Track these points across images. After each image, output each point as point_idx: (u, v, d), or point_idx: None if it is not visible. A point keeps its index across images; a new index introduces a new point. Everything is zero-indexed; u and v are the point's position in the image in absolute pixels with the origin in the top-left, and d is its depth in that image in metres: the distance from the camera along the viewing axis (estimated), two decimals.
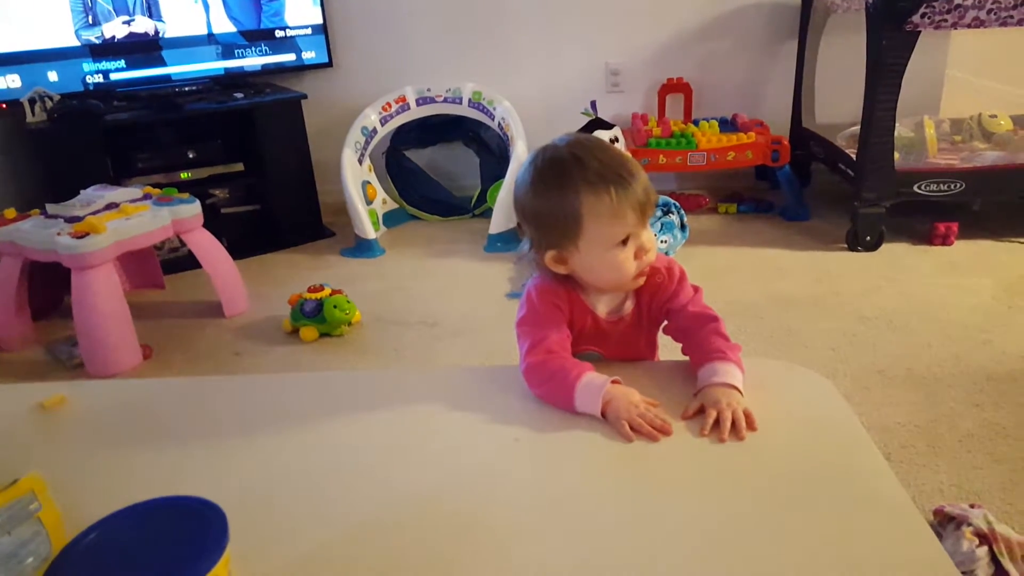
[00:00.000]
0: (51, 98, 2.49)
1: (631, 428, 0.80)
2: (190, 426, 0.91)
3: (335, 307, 2.02)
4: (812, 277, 2.23)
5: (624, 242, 0.88)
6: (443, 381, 1.02)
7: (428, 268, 2.51)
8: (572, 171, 0.87)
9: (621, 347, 0.97)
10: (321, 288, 2.10)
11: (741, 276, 2.22)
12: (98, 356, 1.92)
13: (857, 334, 1.88)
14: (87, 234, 1.89)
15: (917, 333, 1.86)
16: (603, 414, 0.83)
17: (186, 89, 2.73)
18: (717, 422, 0.81)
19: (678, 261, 0.99)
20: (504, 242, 2.60)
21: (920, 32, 2.10)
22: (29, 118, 2.46)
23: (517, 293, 2.23)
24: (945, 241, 2.36)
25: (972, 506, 1.23)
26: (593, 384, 0.85)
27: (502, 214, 2.60)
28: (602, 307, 0.96)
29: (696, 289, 0.97)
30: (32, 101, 2.47)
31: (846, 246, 2.40)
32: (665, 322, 0.98)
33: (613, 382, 0.85)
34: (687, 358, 0.94)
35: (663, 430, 0.81)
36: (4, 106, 2.51)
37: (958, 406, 1.56)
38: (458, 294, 2.30)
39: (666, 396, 0.87)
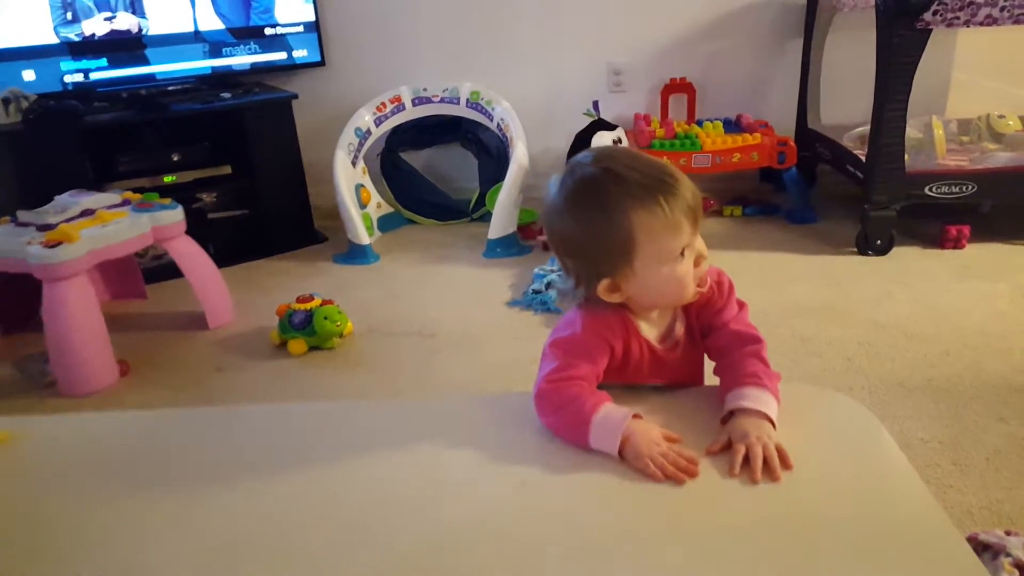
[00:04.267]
0: (27, 98, 2.38)
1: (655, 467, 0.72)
2: (154, 469, 0.82)
3: (325, 318, 1.93)
4: (822, 282, 2.15)
5: (682, 254, 0.80)
6: (440, 412, 0.93)
7: (425, 275, 2.42)
8: (611, 188, 0.79)
9: (679, 374, 0.89)
10: (311, 298, 2.00)
11: (749, 281, 2.14)
12: (71, 374, 1.82)
13: (872, 343, 1.80)
14: (59, 243, 1.78)
15: (934, 341, 1.79)
16: (620, 453, 0.75)
17: (171, 89, 2.63)
18: (747, 459, 0.73)
19: None
20: (504, 247, 2.52)
21: (932, 30, 2.02)
22: (2, 119, 2.35)
23: (518, 301, 2.15)
24: (957, 244, 2.29)
25: (1008, 533, 1.14)
26: (611, 419, 0.76)
27: (502, 218, 2.52)
28: (653, 333, 0.87)
29: (741, 305, 0.89)
30: (6, 101, 2.35)
31: (856, 250, 2.32)
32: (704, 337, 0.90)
33: (634, 416, 0.77)
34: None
35: (688, 471, 0.72)
36: None
37: (982, 420, 1.48)
38: (456, 303, 2.21)
39: (687, 426, 0.79)
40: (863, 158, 2.30)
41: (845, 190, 2.59)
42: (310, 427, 0.89)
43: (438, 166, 3.04)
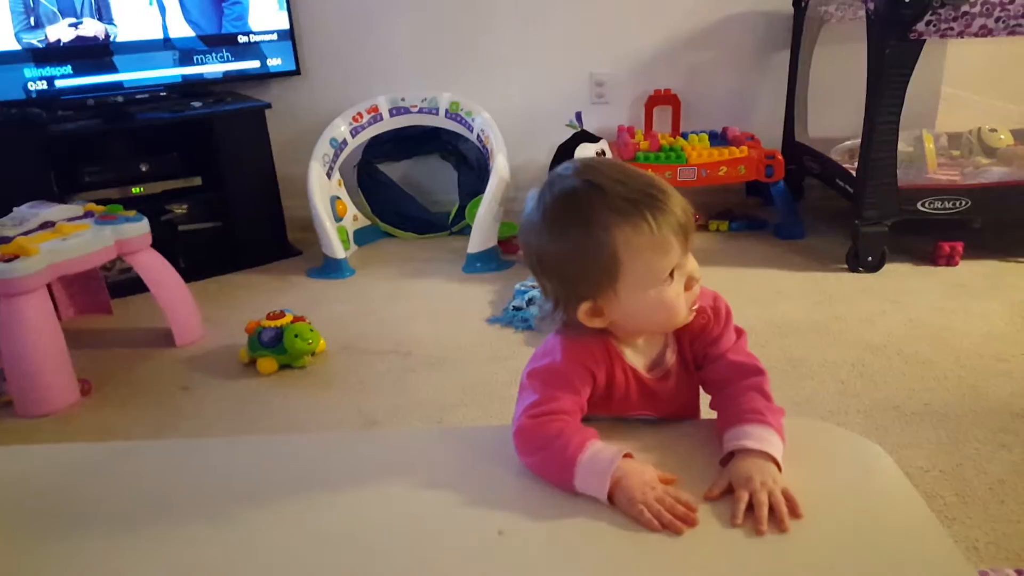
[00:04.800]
0: None
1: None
2: (103, 508, 0.73)
3: (296, 336, 1.84)
4: (812, 300, 2.09)
5: (671, 275, 0.72)
6: (410, 446, 0.85)
7: (401, 290, 2.34)
8: (593, 202, 0.71)
9: (672, 406, 0.81)
10: (282, 314, 1.91)
11: (736, 299, 2.03)
12: (28, 394, 1.73)
13: (866, 364, 1.73)
14: (16, 257, 1.71)
15: (930, 363, 1.73)
16: (610, 497, 0.67)
17: (139, 97, 2.54)
18: (751, 506, 0.65)
19: None
20: (484, 262, 2.44)
21: (925, 41, 1.98)
22: None
23: (498, 318, 2.07)
24: (950, 261, 2.24)
25: (1018, 572, 1.08)
26: (600, 459, 0.68)
27: (482, 232, 2.44)
28: (641, 361, 0.79)
29: (740, 333, 0.81)
30: None
31: (846, 266, 2.27)
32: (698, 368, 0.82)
33: (625, 456, 0.69)
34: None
35: (687, 519, 0.64)
36: None
37: (983, 447, 1.42)
38: (434, 319, 2.13)
39: (684, 465, 0.71)
40: (853, 172, 2.26)
41: (833, 204, 2.55)
42: (269, 462, 0.81)
43: (416, 178, 2.96)
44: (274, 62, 2.71)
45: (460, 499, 0.70)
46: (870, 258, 2.22)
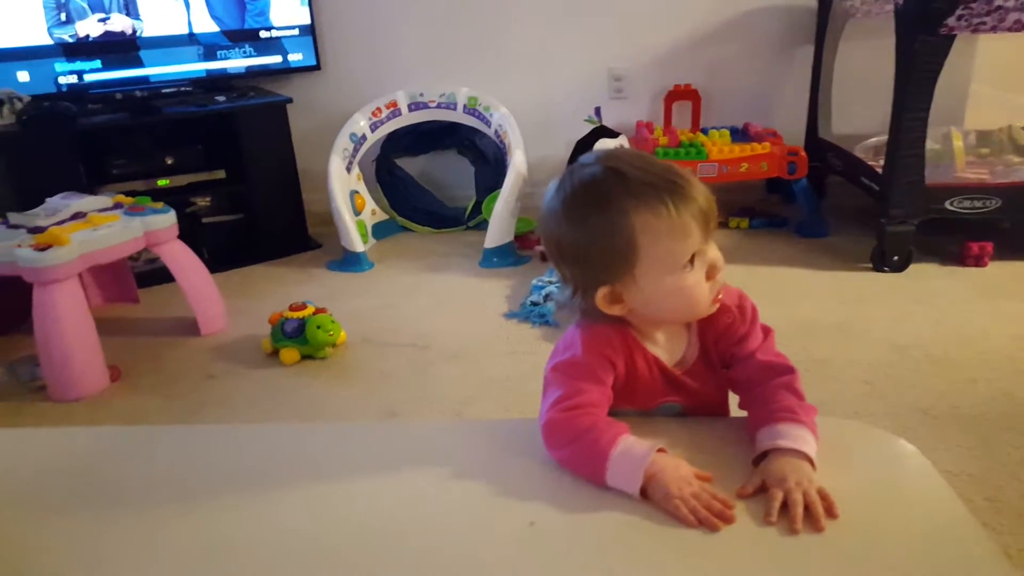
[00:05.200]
0: (20, 100, 2.34)
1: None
2: (128, 489, 0.75)
3: (318, 327, 1.85)
4: (836, 300, 2.07)
5: (691, 262, 0.72)
6: (438, 437, 0.84)
7: (419, 284, 2.34)
8: (613, 187, 0.71)
9: (699, 398, 0.80)
10: (304, 306, 1.93)
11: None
12: (61, 378, 1.77)
13: (892, 366, 1.71)
14: (49, 246, 1.74)
15: (959, 366, 1.70)
16: (643, 491, 0.66)
17: (165, 92, 2.57)
18: (785, 505, 0.64)
19: None
20: (501, 257, 2.44)
21: (955, 36, 1.95)
22: None
23: (515, 313, 2.07)
24: (979, 262, 2.20)
25: None
26: (633, 453, 0.68)
27: (498, 227, 2.44)
28: (664, 354, 0.79)
29: (767, 332, 0.80)
30: (0, 103, 2.30)
31: (871, 266, 2.24)
32: (725, 368, 0.81)
33: (658, 451, 0.68)
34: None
35: (724, 516, 0.64)
36: None
37: (1016, 452, 1.39)
38: (451, 313, 2.13)
39: (715, 462, 0.70)
40: (879, 170, 2.23)
41: (857, 203, 2.51)
42: (299, 449, 0.82)
43: (434, 173, 2.97)
44: (295, 57, 2.72)
45: (490, 490, 0.70)
46: (896, 258, 2.19)
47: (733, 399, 0.83)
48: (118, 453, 0.83)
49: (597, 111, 2.67)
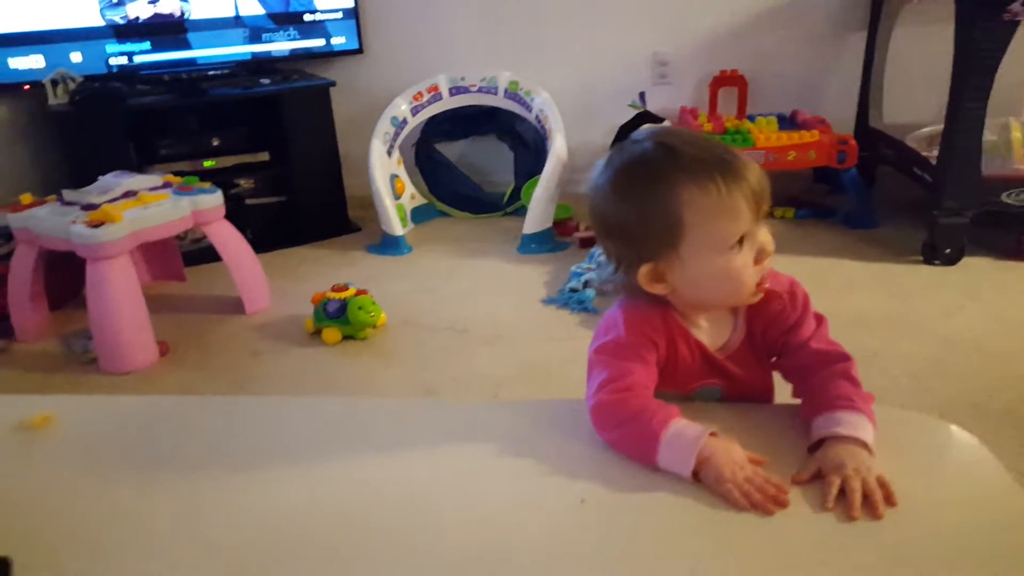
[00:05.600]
0: (73, 80, 2.41)
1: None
2: (190, 454, 0.77)
3: (360, 308, 1.87)
4: (885, 292, 2.02)
5: (739, 243, 0.70)
6: (485, 417, 0.85)
7: (458, 269, 2.35)
8: (662, 163, 0.70)
9: (741, 385, 0.79)
10: (346, 287, 1.95)
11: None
12: (112, 352, 1.83)
13: (942, 360, 1.67)
14: (102, 223, 1.79)
15: (1011, 362, 1.65)
16: (695, 474, 0.66)
17: (211, 74, 2.61)
18: (843, 492, 0.63)
19: None
20: (539, 243, 2.43)
21: (1019, 23, 1.88)
22: (51, 100, 2.39)
23: (553, 299, 2.07)
24: None
25: None
26: (685, 436, 0.67)
27: (537, 213, 2.43)
28: (706, 338, 0.77)
29: (820, 320, 0.78)
30: (54, 82, 2.39)
31: (921, 258, 2.18)
32: (775, 357, 0.80)
33: (711, 435, 0.67)
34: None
35: (778, 500, 0.63)
36: (27, 87, 2.44)
37: None
38: (490, 298, 2.14)
39: (765, 449, 0.69)
40: (932, 161, 2.16)
41: (907, 194, 2.45)
42: (349, 423, 0.83)
43: (473, 158, 2.97)
44: (338, 40, 2.74)
45: (539, 468, 0.71)
46: (948, 250, 2.13)
47: (779, 388, 0.81)
48: (168, 421, 0.85)
49: (641, 96, 2.63)
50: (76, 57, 2.48)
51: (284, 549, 0.62)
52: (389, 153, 2.62)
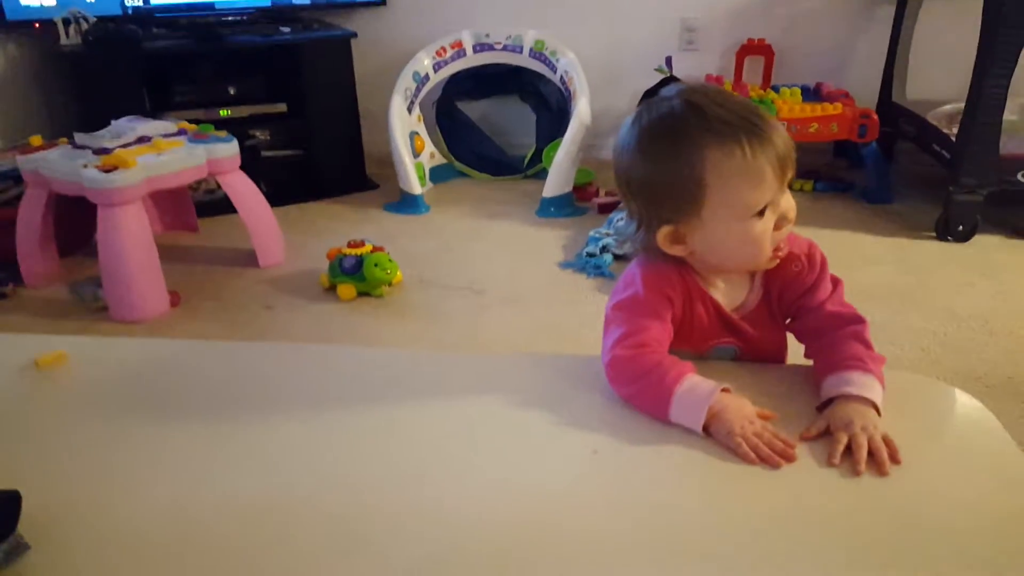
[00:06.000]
0: (87, 20, 2.36)
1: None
2: (199, 396, 0.78)
3: (376, 265, 1.88)
4: (898, 266, 2.02)
5: (761, 212, 0.70)
6: (500, 369, 0.86)
7: (476, 230, 2.36)
8: (689, 123, 0.70)
9: (756, 344, 0.80)
10: (362, 244, 1.96)
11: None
12: (123, 300, 1.82)
13: (949, 334, 1.68)
14: (115, 168, 1.77)
15: (1018, 338, 1.66)
16: (705, 428, 0.68)
17: (230, 19, 2.58)
18: (849, 448, 0.65)
19: None
20: (558, 207, 2.43)
21: None
22: (63, 40, 2.34)
23: (571, 263, 2.08)
24: None
25: None
26: (698, 391, 0.69)
27: (558, 177, 2.43)
28: (723, 299, 0.78)
29: (836, 282, 0.79)
30: (67, 22, 2.34)
31: (935, 234, 2.18)
32: (790, 319, 0.81)
33: (723, 390, 0.69)
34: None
35: (785, 455, 0.65)
36: (37, 26, 2.38)
37: None
38: (507, 260, 2.14)
39: (776, 407, 0.71)
40: (952, 138, 2.15)
41: (926, 171, 2.44)
42: (366, 372, 0.84)
43: (494, 118, 2.94)
44: None
45: (553, 419, 0.72)
46: (961, 227, 2.13)
47: (792, 349, 0.83)
48: (181, 364, 0.86)
49: (668, 61, 2.60)
50: None
51: (295, 489, 0.64)
52: (409, 110, 2.60)
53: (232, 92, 2.54)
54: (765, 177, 0.69)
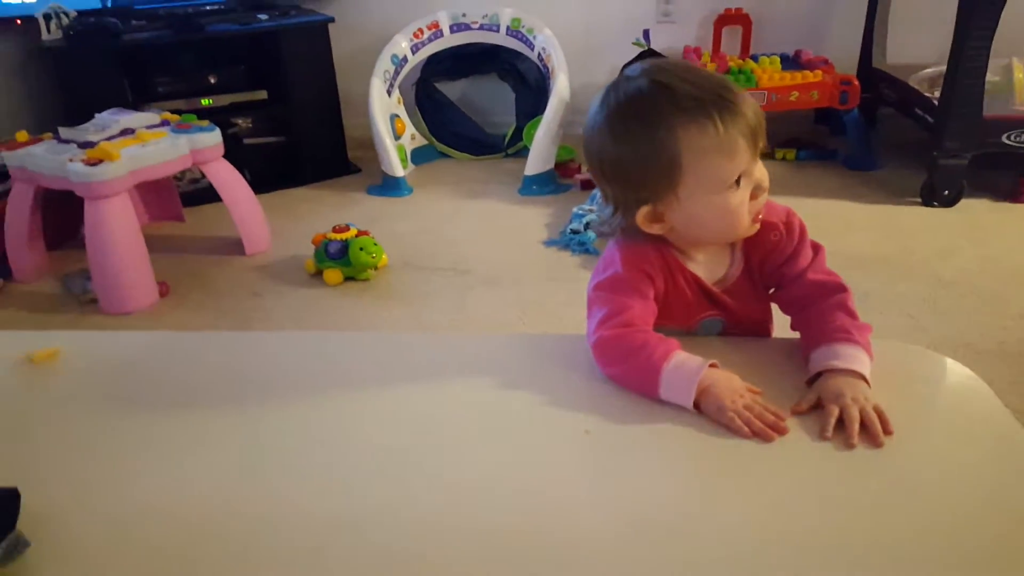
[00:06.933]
0: (67, 14, 2.36)
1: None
2: (196, 386, 0.78)
3: (361, 249, 1.88)
4: (883, 233, 2.04)
5: (737, 182, 0.70)
6: (488, 349, 0.85)
7: (459, 210, 2.36)
8: (659, 101, 0.69)
9: (740, 316, 0.80)
10: (347, 228, 1.96)
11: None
12: (112, 292, 1.83)
13: (937, 300, 1.70)
14: (100, 161, 1.78)
15: (1005, 301, 1.68)
16: (696, 404, 0.68)
17: (208, 9, 2.55)
18: (841, 421, 0.65)
19: None
20: (540, 185, 2.43)
21: None
22: (44, 35, 2.34)
23: (555, 241, 2.08)
24: None
25: None
26: (686, 367, 0.69)
27: (539, 154, 2.42)
28: (704, 272, 0.78)
29: (817, 249, 0.79)
30: (47, 17, 2.34)
31: (920, 200, 2.19)
32: (773, 289, 0.81)
33: (711, 365, 0.70)
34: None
35: (777, 428, 0.65)
36: (19, 21, 2.38)
37: None
38: (491, 240, 2.15)
39: (764, 381, 0.71)
40: (934, 101, 2.15)
41: (908, 135, 2.44)
42: (356, 357, 0.84)
43: (474, 98, 2.93)
44: None
45: (544, 400, 0.72)
46: (947, 192, 2.14)
47: (778, 321, 0.83)
48: (174, 356, 0.86)
49: (645, 34, 2.59)
50: None
51: (288, 477, 0.64)
52: (389, 92, 2.58)
53: (213, 81, 2.52)
54: (739, 149, 0.69)
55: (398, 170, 2.48)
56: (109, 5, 2.47)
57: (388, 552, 0.56)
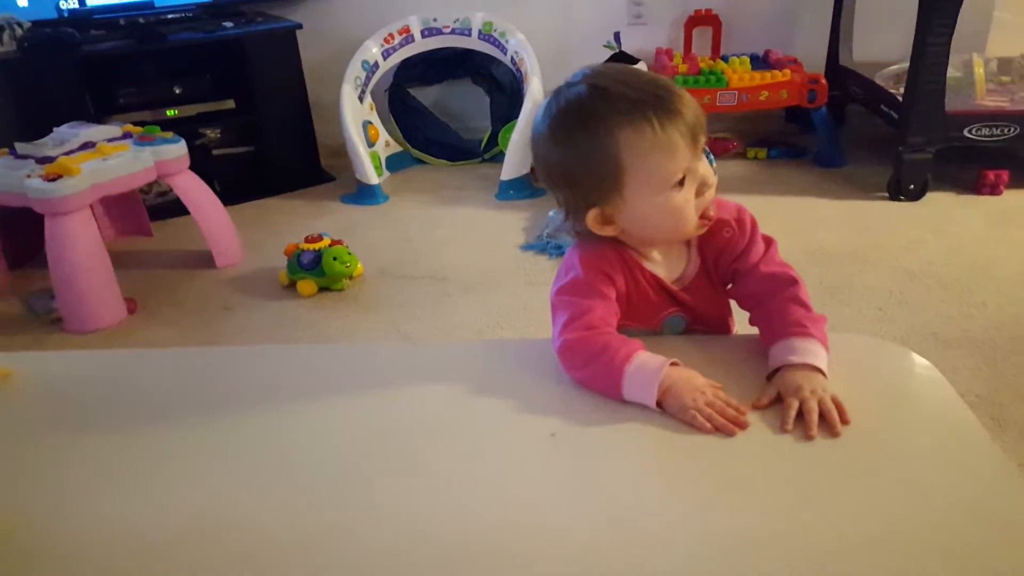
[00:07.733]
0: (21, 25, 2.30)
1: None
2: (155, 410, 0.76)
3: (335, 259, 1.87)
4: (851, 228, 2.06)
5: (681, 182, 0.71)
6: (456, 358, 0.86)
7: (435, 217, 2.35)
8: (596, 106, 0.70)
9: (700, 313, 0.81)
10: (320, 238, 1.94)
11: (774, 227, 1.96)
12: (77, 311, 1.79)
13: (904, 292, 1.72)
14: (60, 177, 1.74)
15: (970, 291, 1.71)
16: (659, 403, 0.68)
17: (170, 17, 2.52)
18: (800, 414, 0.66)
19: None
20: (517, 189, 2.43)
21: None
22: None
23: (532, 245, 2.08)
24: (994, 190, 2.19)
25: None
26: (647, 368, 0.70)
27: (515, 159, 2.42)
28: (662, 271, 0.79)
29: (769, 242, 0.80)
30: (0, 29, 2.27)
31: (887, 195, 2.22)
32: (730, 284, 0.82)
33: (672, 364, 0.70)
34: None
35: (738, 423, 0.66)
36: None
37: (1022, 374, 1.42)
38: (468, 246, 2.14)
39: (725, 377, 0.72)
40: (899, 98, 2.18)
41: (875, 132, 2.48)
42: (324, 369, 0.83)
43: (448, 103, 2.92)
44: None
45: (509, 405, 0.72)
46: (912, 186, 2.17)
47: (739, 315, 0.84)
48: (131, 374, 0.84)
49: (616, 36, 2.60)
50: (23, 1, 2.38)
51: (262, 496, 0.63)
52: (361, 99, 2.57)
53: (178, 91, 2.49)
54: (678, 148, 0.70)
55: (372, 178, 2.47)
56: (65, 15, 2.42)
57: (354, 561, 0.56)
